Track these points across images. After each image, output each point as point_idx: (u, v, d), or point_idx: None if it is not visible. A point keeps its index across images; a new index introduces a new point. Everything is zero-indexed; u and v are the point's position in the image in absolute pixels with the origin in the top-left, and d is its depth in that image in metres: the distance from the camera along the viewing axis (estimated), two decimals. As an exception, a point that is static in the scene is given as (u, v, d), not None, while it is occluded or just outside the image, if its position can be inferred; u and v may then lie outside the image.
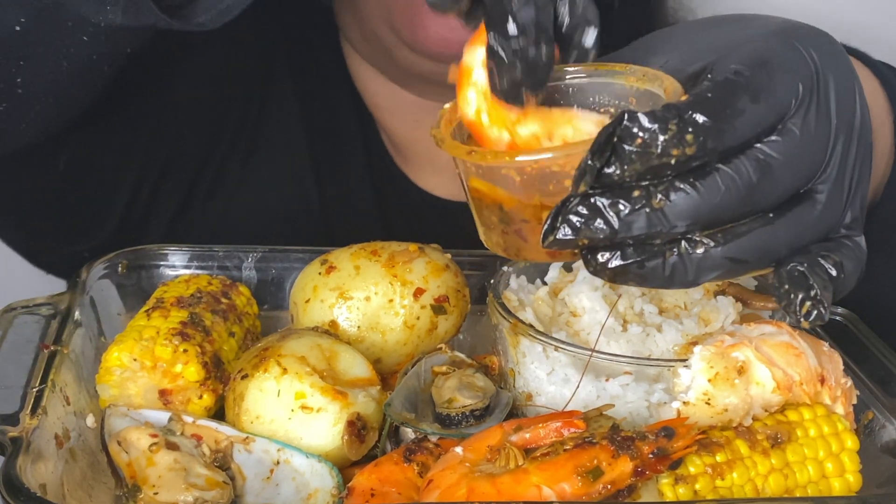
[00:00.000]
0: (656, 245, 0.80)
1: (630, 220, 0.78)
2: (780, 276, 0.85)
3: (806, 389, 0.97)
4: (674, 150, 0.77)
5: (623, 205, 0.78)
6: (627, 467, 0.87)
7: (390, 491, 0.93)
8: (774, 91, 0.81)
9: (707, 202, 0.79)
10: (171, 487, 0.92)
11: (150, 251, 1.23)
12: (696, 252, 0.81)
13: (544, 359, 1.05)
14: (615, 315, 1.07)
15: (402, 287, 1.11)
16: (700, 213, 0.79)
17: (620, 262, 0.80)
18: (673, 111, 0.78)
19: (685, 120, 0.77)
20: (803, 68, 0.84)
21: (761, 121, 0.81)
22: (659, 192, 0.78)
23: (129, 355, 1.04)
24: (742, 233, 0.82)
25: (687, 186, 0.79)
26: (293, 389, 1.00)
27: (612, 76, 0.89)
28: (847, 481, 0.94)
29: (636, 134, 0.77)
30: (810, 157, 0.84)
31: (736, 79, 0.81)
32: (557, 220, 0.79)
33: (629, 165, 0.77)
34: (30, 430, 0.92)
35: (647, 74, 0.87)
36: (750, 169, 0.80)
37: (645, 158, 0.77)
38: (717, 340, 0.97)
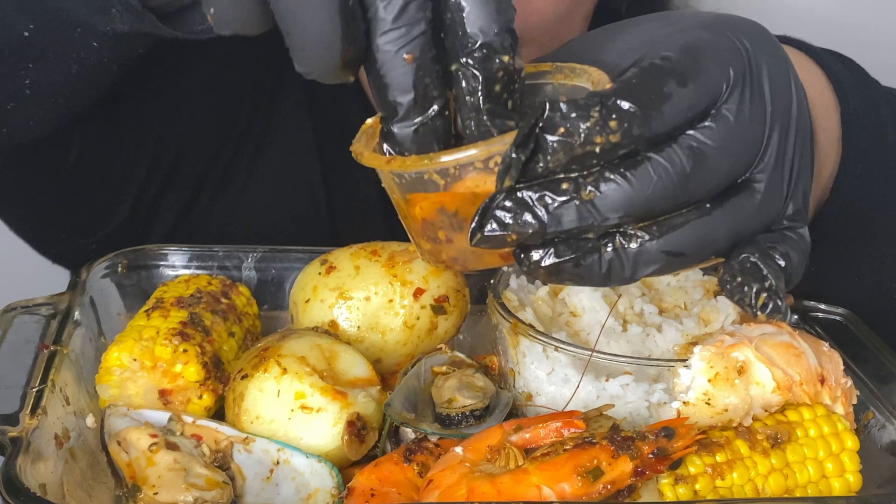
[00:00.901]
0: (590, 240, 0.78)
1: (559, 213, 0.76)
2: (731, 268, 0.83)
3: (806, 389, 0.97)
4: (597, 137, 0.75)
5: (551, 197, 0.76)
6: (627, 467, 0.87)
7: (390, 491, 0.93)
8: (703, 75, 0.79)
9: (639, 192, 0.77)
10: (171, 487, 0.92)
11: (150, 251, 1.23)
12: (632, 246, 0.78)
13: (544, 359, 1.05)
14: (615, 315, 1.07)
15: (402, 287, 1.11)
16: (633, 204, 0.77)
17: (554, 260, 0.78)
18: (595, 98, 0.76)
19: (608, 106, 0.75)
20: (734, 54, 0.82)
21: (691, 105, 0.79)
22: (588, 184, 0.76)
23: (129, 355, 1.04)
24: (678, 224, 0.80)
25: (617, 177, 0.76)
26: (293, 389, 1.00)
27: (541, 77, 0.87)
28: (847, 481, 0.94)
29: (558, 123, 0.75)
30: (746, 144, 0.82)
31: (662, 63, 0.79)
32: (485, 216, 0.77)
33: (553, 156, 0.75)
34: (30, 430, 0.92)
35: (575, 70, 0.85)
36: (683, 157, 0.78)
37: (568, 148, 0.75)
38: (717, 340, 0.97)
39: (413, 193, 0.82)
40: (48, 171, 1.34)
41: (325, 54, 0.77)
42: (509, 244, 0.78)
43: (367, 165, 0.83)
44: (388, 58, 0.77)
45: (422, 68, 0.78)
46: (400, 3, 0.76)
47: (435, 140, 0.80)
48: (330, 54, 0.77)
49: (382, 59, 0.78)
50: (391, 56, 0.77)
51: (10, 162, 1.31)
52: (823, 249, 1.11)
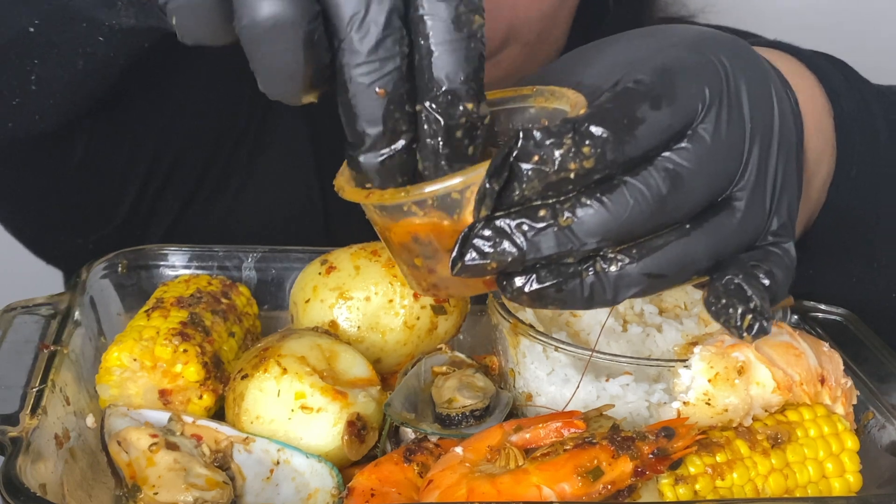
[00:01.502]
0: (571, 265, 0.78)
1: (537, 239, 0.77)
2: (715, 290, 0.82)
3: (806, 389, 0.97)
4: (571, 164, 0.75)
5: (528, 225, 0.77)
6: (627, 467, 0.87)
7: (390, 491, 0.94)
8: (677, 97, 0.79)
9: (616, 216, 0.77)
10: (171, 487, 0.92)
11: (150, 251, 1.23)
12: (612, 270, 0.78)
13: (544, 359, 1.05)
14: (615, 315, 1.07)
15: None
16: (610, 229, 0.77)
17: (537, 286, 0.78)
18: (569, 125, 0.76)
19: (581, 133, 0.76)
20: (710, 73, 0.82)
21: (666, 128, 0.79)
22: (566, 210, 0.77)
23: (129, 355, 1.04)
24: (658, 246, 0.80)
25: (593, 202, 0.77)
26: (293, 389, 1.00)
27: (523, 100, 0.88)
28: (847, 481, 0.94)
29: (532, 151, 0.75)
30: (724, 163, 0.81)
31: (635, 87, 0.79)
32: (465, 245, 0.77)
33: (528, 184, 0.76)
34: (30, 430, 0.92)
35: (555, 93, 0.85)
36: (659, 179, 0.78)
37: (543, 175, 0.75)
38: (718, 340, 0.97)
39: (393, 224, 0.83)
40: (51, 171, 1.34)
41: (290, 83, 0.78)
42: (490, 272, 0.78)
43: (348, 199, 0.84)
44: (360, 90, 0.77)
45: (393, 102, 0.77)
46: (376, 36, 0.76)
47: (399, 173, 0.80)
48: (293, 83, 0.78)
49: (354, 91, 0.78)
50: (363, 88, 0.77)
51: (13, 160, 1.31)
52: (821, 252, 1.11)
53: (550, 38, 1.42)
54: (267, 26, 0.74)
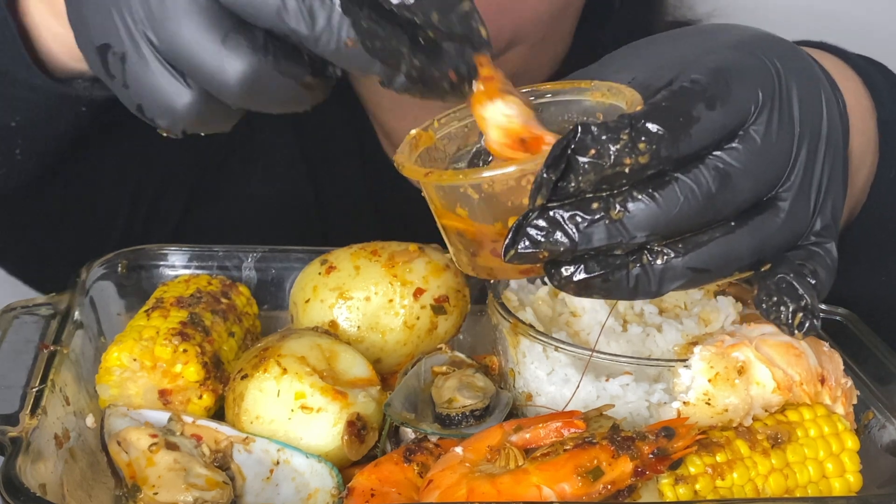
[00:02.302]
0: (618, 257, 0.80)
1: (589, 231, 0.79)
2: (767, 288, 0.84)
3: (806, 389, 0.97)
4: (626, 159, 0.77)
5: (581, 217, 0.79)
6: (627, 467, 0.87)
7: (390, 491, 0.94)
8: (732, 98, 0.81)
9: (665, 212, 0.79)
10: (171, 487, 0.92)
11: (150, 251, 1.23)
12: (658, 263, 0.81)
13: (544, 359, 1.05)
14: (615, 315, 1.07)
15: (402, 287, 1.11)
16: (659, 223, 0.79)
17: (584, 276, 0.80)
18: (625, 121, 0.78)
19: (637, 129, 0.78)
20: (763, 76, 0.83)
21: (719, 128, 0.80)
22: (617, 203, 0.79)
23: (128, 355, 1.04)
24: (703, 242, 0.82)
25: (645, 197, 0.79)
26: (293, 389, 1.00)
27: (579, 93, 0.89)
28: (847, 481, 0.94)
29: (589, 145, 0.77)
30: (772, 164, 0.83)
31: (691, 87, 0.81)
32: (518, 234, 0.79)
33: (584, 176, 0.78)
34: (29, 430, 0.92)
35: (612, 89, 0.87)
36: (709, 178, 0.80)
37: (599, 169, 0.77)
38: (718, 340, 0.97)
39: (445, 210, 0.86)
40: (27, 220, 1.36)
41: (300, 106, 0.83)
42: (541, 261, 0.80)
43: (408, 176, 0.86)
44: (337, 57, 0.80)
45: (366, 38, 0.79)
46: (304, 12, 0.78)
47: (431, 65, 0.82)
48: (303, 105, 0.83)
49: (336, 60, 0.80)
50: (337, 53, 0.79)
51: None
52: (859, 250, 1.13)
53: (556, 38, 1.42)
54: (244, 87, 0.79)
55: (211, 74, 0.79)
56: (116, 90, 0.85)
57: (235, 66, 0.79)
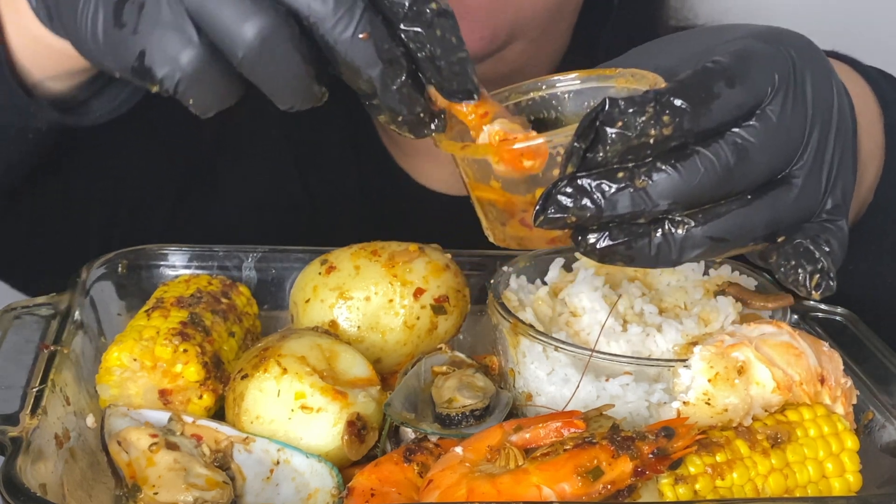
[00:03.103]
0: (641, 226, 0.85)
1: (615, 199, 0.83)
2: (785, 253, 0.90)
3: (806, 389, 0.97)
4: (651, 130, 0.82)
5: (608, 185, 0.83)
6: (627, 467, 0.87)
7: (390, 491, 0.94)
8: (750, 78, 0.86)
9: (687, 182, 0.83)
10: (171, 487, 0.92)
11: (150, 251, 1.23)
12: (678, 231, 0.85)
13: (544, 359, 1.05)
14: (615, 315, 1.07)
15: (402, 287, 1.11)
16: (681, 193, 0.84)
17: (609, 243, 0.85)
18: (651, 95, 0.83)
19: (662, 103, 0.82)
20: (780, 61, 0.88)
21: (738, 105, 0.85)
22: (642, 173, 0.83)
23: (129, 355, 1.04)
24: (721, 213, 0.86)
25: (668, 167, 0.83)
26: (293, 389, 1.00)
27: (605, 80, 0.93)
28: (847, 481, 0.94)
29: (616, 117, 0.82)
30: (786, 143, 0.88)
31: (713, 66, 0.85)
32: (548, 200, 0.84)
33: (611, 147, 0.82)
34: (30, 430, 0.92)
35: (636, 75, 0.91)
36: (728, 151, 0.85)
37: (625, 140, 0.82)
38: (717, 340, 0.97)
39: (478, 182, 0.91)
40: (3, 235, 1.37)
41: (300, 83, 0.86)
42: (569, 226, 0.85)
43: (444, 150, 0.91)
44: (347, 45, 0.83)
45: (378, 39, 0.83)
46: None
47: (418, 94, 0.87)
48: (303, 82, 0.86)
49: (344, 49, 0.83)
50: (349, 41, 0.83)
51: None
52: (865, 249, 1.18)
53: (554, 35, 1.43)
54: (258, 43, 0.82)
55: (228, 26, 0.82)
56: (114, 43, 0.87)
57: (255, 23, 0.81)
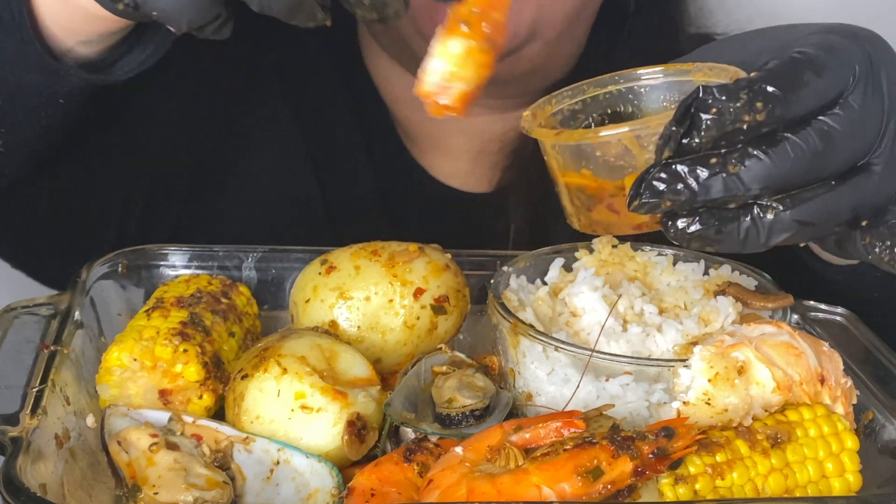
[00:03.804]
0: (730, 210, 0.88)
1: (708, 183, 0.86)
2: (879, 234, 0.93)
3: (806, 389, 0.97)
4: (745, 115, 0.85)
5: (701, 170, 0.86)
6: (627, 467, 0.87)
7: (390, 491, 0.94)
8: (834, 68, 0.90)
9: (778, 167, 0.87)
10: (171, 487, 0.92)
11: (150, 251, 1.23)
12: (767, 216, 0.88)
13: (544, 359, 1.05)
14: (615, 315, 1.07)
15: (402, 287, 1.11)
16: (771, 178, 0.87)
17: (699, 227, 0.88)
18: (744, 83, 0.86)
19: (755, 90, 0.86)
20: (858, 54, 0.92)
21: (824, 94, 0.89)
22: (734, 159, 0.86)
23: (129, 355, 1.04)
24: (808, 198, 0.89)
25: (759, 153, 0.86)
26: (293, 389, 1.00)
27: (683, 74, 0.97)
28: (847, 481, 0.94)
29: (711, 104, 0.85)
30: (867, 131, 0.92)
31: (800, 56, 0.89)
32: (641, 186, 0.87)
33: (706, 132, 0.86)
34: (30, 430, 0.92)
35: (714, 69, 0.95)
36: (815, 138, 0.88)
37: (720, 125, 0.85)
38: (717, 340, 0.97)
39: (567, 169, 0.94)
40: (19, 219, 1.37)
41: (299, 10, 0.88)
42: (662, 210, 0.88)
43: (535, 138, 0.95)
44: None
45: None
46: None
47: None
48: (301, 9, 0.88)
49: None
50: None
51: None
52: None
53: (572, 37, 1.44)
54: None
55: None
56: None
57: None
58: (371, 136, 1.52)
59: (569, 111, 1.00)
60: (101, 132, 1.36)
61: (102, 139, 1.38)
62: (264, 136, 1.49)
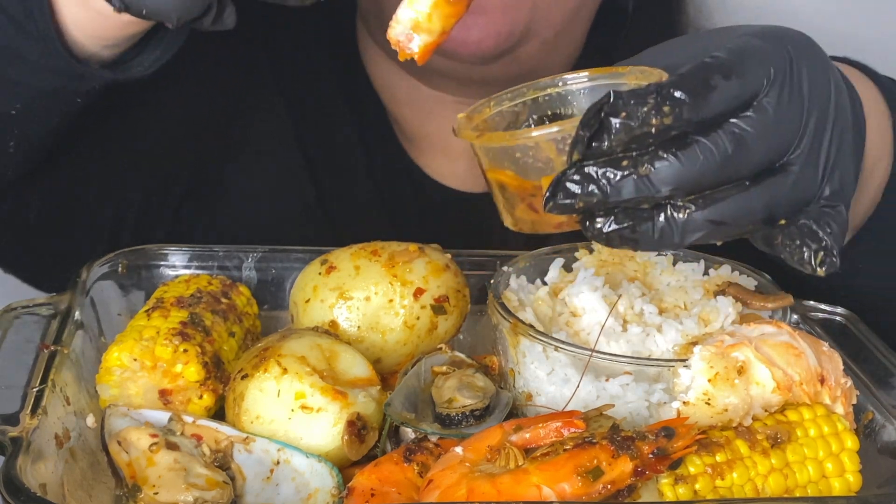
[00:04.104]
0: (645, 211, 0.89)
1: (620, 185, 0.88)
2: (790, 234, 0.93)
3: (806, 389, 0.97)
4: (653, 120, 0.87)
5: (612, 172, 0.88)
6: (627, 467, 0.87)
7: (390, 491, 0.94)
8: (746, 71, 0.90)
9: (687, 169, 0.88)
10: (171, 487, 0.92)
11: (150, 251, 1.23)
12: (680, 216, 0.89)
13: (544, 359, 1.05)
14: (615, 315, 1.07)
15: (402, 287, 1.11)
16: (681, 180, 0.88)
17: (615, 227, 0.89)
18: (652, 88, 0.88)
19: (663, 95, 0.87)
20: (776, 56, 0.92)
21: (734, 97, 0.89)
22: (644, 161, 0.88)
23: (129, 355, 1.04)
24: (720, 198, 0.90)
25: (669, 155, 0.88)
26: (293, 389, 1.00)
27: (617, 77, 0.98)
28: (847, 481, 0.94)
29: (620, 108, 0.87)
30: (782, 133, 0.92)
31: (710, 61, 0.90)
32: (557, 187, 0.89)
33: (615, 136, 0.87)
34: (30, 430, 0.92)
35: (644, 72, 0.96)
36: (726, 140, 0.89)
37: (628, 129, 0.87)
38: (717, 340, 0.97)
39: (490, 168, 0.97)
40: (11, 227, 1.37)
41: None
42: (577, 211, 0.90)
43: (462, 138, 0.98)
44: None
45: None
46: None
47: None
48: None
49: None
50: None
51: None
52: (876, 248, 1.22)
53: (569, 38, 1.44)
54: None
55: None
56: None
57: None
58: (370, 137, 1.52)
59: (509, 112, 1.02)
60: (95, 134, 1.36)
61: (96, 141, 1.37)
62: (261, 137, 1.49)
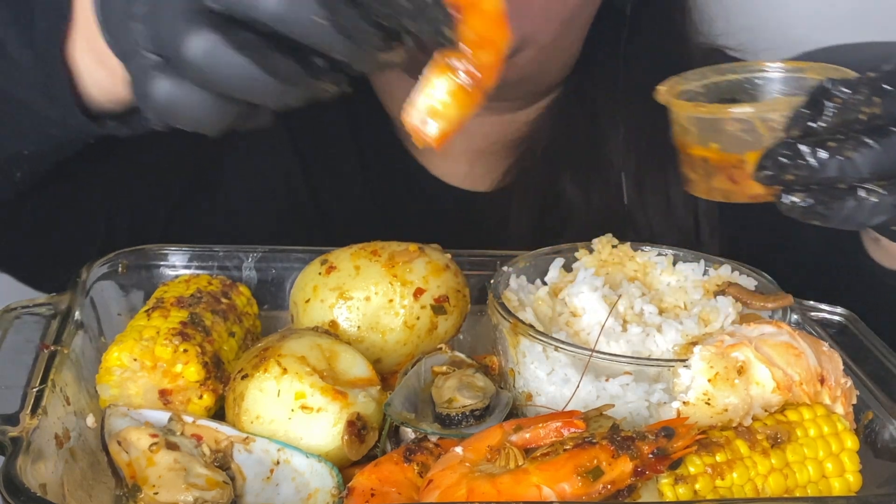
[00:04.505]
0: (840, 191, 0.96)
1: (826, 164, 0.95)
2: None
3: (806, 389, 0.97)
4: (864, 107, 0.95)
5: (821, 151, 0.95)
6: (627, 467, 0.87)
7: (390, 491, 0.94)
8: None
9: (888, 156, 0.95)
10: (171, 487, 0.92)
11: (150, 251, 1.23)
12: (871, 199, 0.96)
13: (544, 359, 1.05)
14: (615, 315, 1.07)
15: (402, 287, 1.11)
16: (880, 166, 0.95)
17: (811, 202, 0.97)
18: (865, 79, 0.96)
19: (874, 87, 0.95)
20: None
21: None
22: (850, 145, 0.95)
23: (129, 355, 1.04)
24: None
25: (872, 142, 0.95)
26: (293, 389, 1.00)
27: (799, 71, 1.07)
28: (847, 481, 0.94)
29: (836, 94, 0.95)
30: None
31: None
32: (768, 158, 0.96)
33: (830, 119, 0.95)
34: (30, 430, 0.92)
35: (827, 69, 1.04)
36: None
37: (842, 114, 0.95)
38: (717, 340, 0.97)
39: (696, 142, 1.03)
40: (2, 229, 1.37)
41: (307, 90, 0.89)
42: (783, 183, 0.96)
43: (676, 110, 1.04)
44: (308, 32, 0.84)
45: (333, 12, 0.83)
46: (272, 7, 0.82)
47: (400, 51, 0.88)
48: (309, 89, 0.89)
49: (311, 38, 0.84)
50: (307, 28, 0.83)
51: None
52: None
53: (566, 44, 1.44)
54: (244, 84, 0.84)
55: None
56: None
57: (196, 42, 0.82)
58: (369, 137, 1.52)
59: (693, 91, 1.09)
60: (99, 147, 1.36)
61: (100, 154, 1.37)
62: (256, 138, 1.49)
